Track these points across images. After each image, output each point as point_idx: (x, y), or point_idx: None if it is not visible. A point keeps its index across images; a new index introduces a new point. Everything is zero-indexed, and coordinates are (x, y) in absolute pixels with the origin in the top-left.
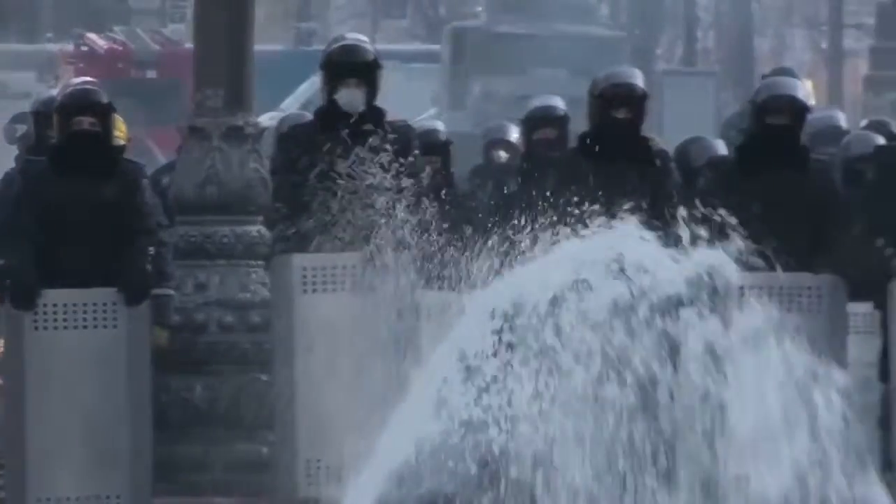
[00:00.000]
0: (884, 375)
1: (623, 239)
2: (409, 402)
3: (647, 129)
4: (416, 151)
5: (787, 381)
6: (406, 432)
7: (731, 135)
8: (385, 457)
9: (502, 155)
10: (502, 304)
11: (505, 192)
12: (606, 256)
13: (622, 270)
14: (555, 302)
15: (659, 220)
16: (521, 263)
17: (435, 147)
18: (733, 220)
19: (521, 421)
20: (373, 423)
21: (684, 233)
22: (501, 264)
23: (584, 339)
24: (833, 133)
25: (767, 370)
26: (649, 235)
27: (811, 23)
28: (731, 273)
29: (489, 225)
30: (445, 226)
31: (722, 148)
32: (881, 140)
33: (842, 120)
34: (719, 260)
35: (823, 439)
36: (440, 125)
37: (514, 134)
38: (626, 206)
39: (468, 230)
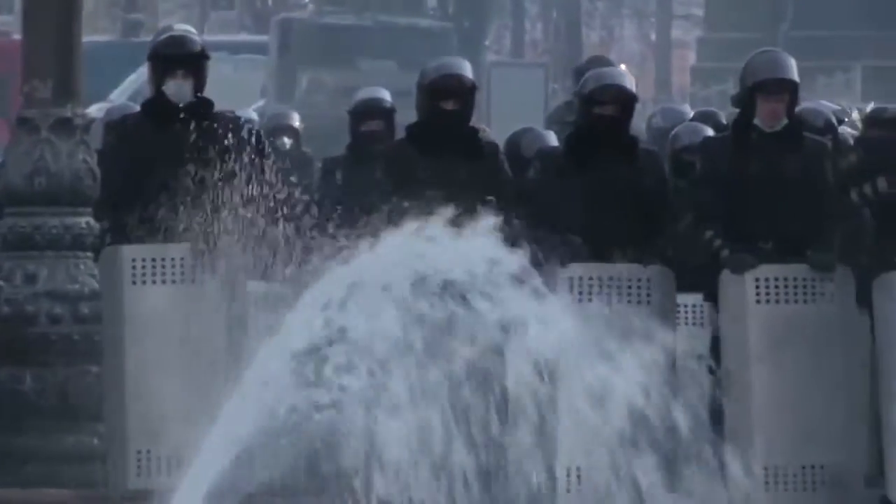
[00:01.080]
0: (714, 367)
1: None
2: (238, 392)
3: (476, 121)
4: (250, 141)
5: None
6: (237, 422)
7: (554, 127)
8: (217, 447)
9: (286, 141)
10: (333, 294)
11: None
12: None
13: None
14: (382, 291)
15: (492, 211)
16: (351, 255)
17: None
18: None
19: (350, 408)
20: (204, 414)
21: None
22: (332, 255)
23: (405, 327)
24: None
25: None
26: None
27: (640, 14)
28: (521, 262)
29: (319, 216)
30: (281, 216)
31: (552, 139)
32: (709, 131)
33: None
34: (506, 250)
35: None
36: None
37: (297, 121)
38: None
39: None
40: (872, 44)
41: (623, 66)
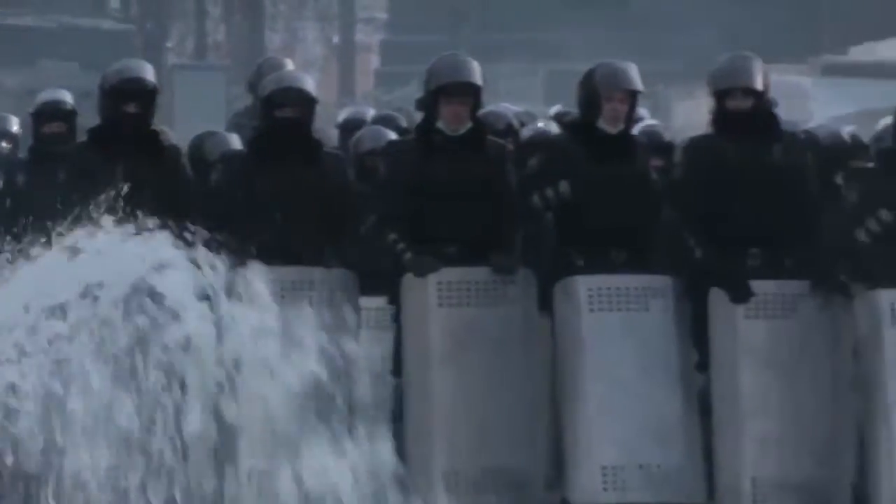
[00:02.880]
0: (396, 370)
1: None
2: None
3: (158, 123)
4: None
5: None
6: None
7: (236, 129)
8: None
9: (3, 146)
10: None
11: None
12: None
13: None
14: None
15: (172, 214)
16: (38, 259)
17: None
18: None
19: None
20: None
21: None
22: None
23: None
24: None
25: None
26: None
27: (323, 16)
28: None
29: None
30: None
31: (236, 142)
32: (392, 135)
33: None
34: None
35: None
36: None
37: (15, 125)
38: (136, 201)
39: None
40: (555, 47)
41: (290, 62)
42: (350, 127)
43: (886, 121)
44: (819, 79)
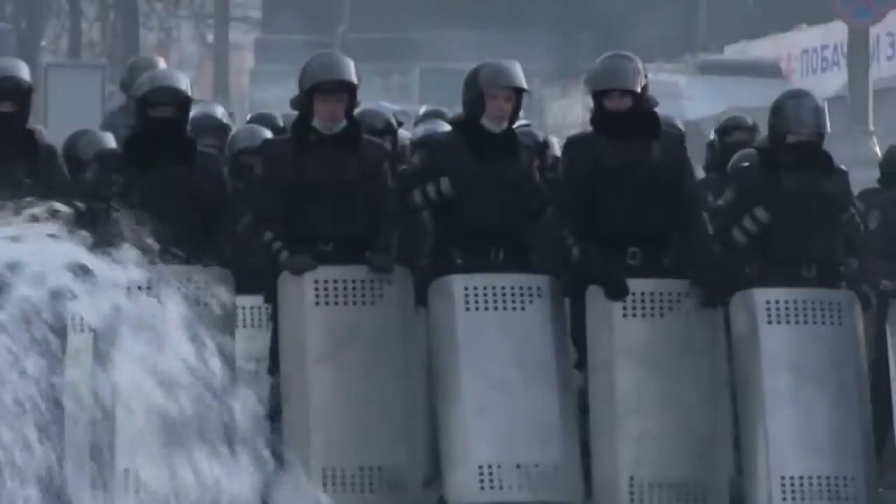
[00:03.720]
0: (273, 369)
1: None
2: None
3: (33, 123)
4: None
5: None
6: None
7: (112, 128)
8: None
9: None
10: None
11: None
12: None
13: None
14: None
15: (56, 213)
16: None
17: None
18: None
19: None
20: None
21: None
22: None
23: None
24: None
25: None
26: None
27: (198, 15)
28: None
29: None
30: None
31: (111, 141)
32: (267, 133)
33: (220, 113)
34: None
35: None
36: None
37: None
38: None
39: None
40: (429, 46)
41: (162, 61)
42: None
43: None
44: (694, 77)
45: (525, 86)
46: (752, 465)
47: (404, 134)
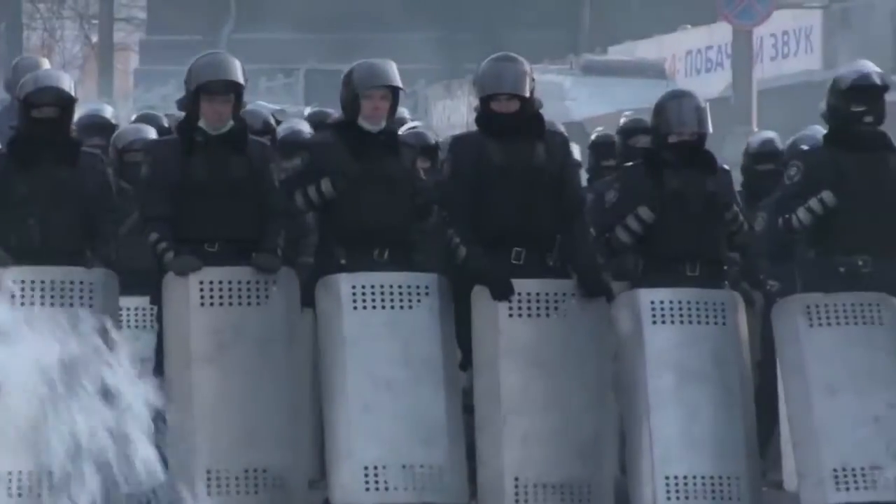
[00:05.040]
0: (158, 370)
1: None
2: None
3: None
4: None
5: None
6: None
7: None
8: None
9: None
10: None
11: None
12: None
13: None
14: None
15: None
16: None
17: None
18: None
19: None
20: None
21: None
22: None
23: None
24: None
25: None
26: None
27: (82, 16)
28: None
29: None
30: None
31: None
32: (153, 133)
33: (108, 113)
34: None
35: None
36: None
37: None
38: None
39: None
40: (314, 47)
41: (46, 61)
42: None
43: (630, 114)
44: (579, 78)
45: (399, 84)
46: (636, 464)
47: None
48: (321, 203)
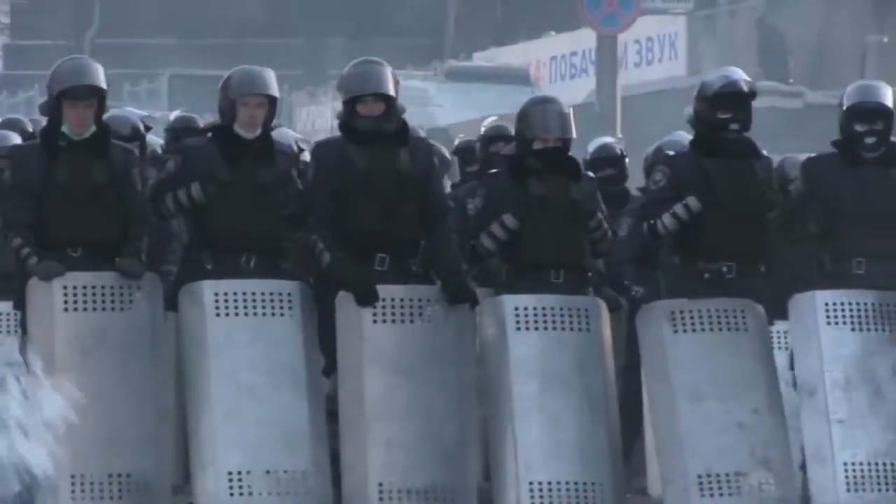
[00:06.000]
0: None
1: None
2: None
3: None
4: None
5: None
6: None
7: None
8: None
9: None
10: None
11: None
12: None
13: None
14: None
15: None
16: None
17: None
18: None
19: None
20: None
21: None
22: None
23: None
24: None
25: None
26: None
27: None
28: None
29: None
30: None
31: None
32: (17, 138)
33: None
34: None
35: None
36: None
37: None
38: None
39: None
40: (178, 52)
41: None
42: None
43: (492, 121)
44: (443, 84)
45: (276, 93)
46: (500, 470)
47: (154, 140)
48: (191, 207)
